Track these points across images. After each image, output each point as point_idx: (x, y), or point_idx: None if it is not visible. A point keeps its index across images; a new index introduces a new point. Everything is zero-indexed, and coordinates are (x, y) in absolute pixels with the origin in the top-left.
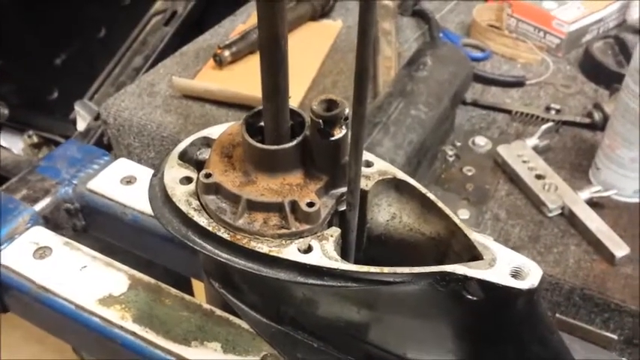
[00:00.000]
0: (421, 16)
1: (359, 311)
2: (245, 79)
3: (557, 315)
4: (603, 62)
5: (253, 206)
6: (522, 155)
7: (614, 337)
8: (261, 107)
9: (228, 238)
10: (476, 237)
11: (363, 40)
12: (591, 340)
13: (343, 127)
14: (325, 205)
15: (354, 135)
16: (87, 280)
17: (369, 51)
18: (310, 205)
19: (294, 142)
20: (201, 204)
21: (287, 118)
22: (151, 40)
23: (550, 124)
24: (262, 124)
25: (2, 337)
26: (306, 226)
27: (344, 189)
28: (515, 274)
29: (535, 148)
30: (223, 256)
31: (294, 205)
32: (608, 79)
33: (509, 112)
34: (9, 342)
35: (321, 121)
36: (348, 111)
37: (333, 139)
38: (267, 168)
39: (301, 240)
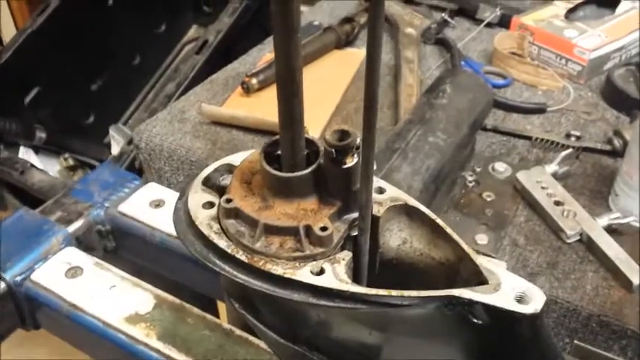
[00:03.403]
0: (444, 44)
1: (370, 333)
2: (271, 107)
3: (576, 341)
4: (625, 89)
5: (270, 230)
6: (541, 181)
7: None
8: (278, 137)
9: (246, 261)
10: (482, 262)
11: (371, 70)
12: None
13: (355, 155)
14: (338, 229)
15: (365, 162)
16: (115, 298)
17: (378, 80)
18: (323, 229)
19: (309, 170)
20: (221, 227)
21: (302, 146)
22: (182, 68)
23: (570, 150)
24: (279, 152)
25: (28, 355)
26: (320, 250)
27: (356, 214)
28: (520, 299)
29: (554, 175)
30: (241, 277)
31: (308, 229)
32: (629, 106)
33: (529, 138)
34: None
35: (333, 150)
36: (359, 140)
37: (345, 167)
38: (283, 194)
39: (314, 263)
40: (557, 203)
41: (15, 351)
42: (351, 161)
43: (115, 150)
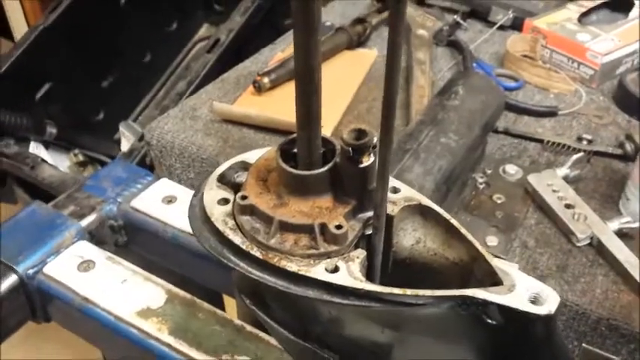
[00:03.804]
0: (456, 46)
1: (383, 331)
2: (282, 106)
3: (584, 345)
4: (637, 94)
5: (285, 227)
6: (552, 184)
7: None
8: (295, 135)
9: (261, 257)
10: (497, 263)
11: (391, 73)
12: None
13: (371, 155)
14: (353, 228)
15: (381, 162)
16: (127, 293)
17: (397, 84)
18: (338, 227)
19: (325, 168)
20: (236, 224)
21: (319, 145)
22: (194, 66)
23: (581, 154)
24: (296, 150)
25: (36, 350)
26: (334, 248)
27: (371, 213)
28: (534, 300)
29: (565, 178)
30: (255, 273)
31: (323, 227)
32: None
33: (540, 141)
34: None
35: (350, 149)
36: (376, 140)
37: (361, 166)
38: (299, 192)
39: (329, 260)
40: (568, 206)
41: (21, 347)
42: (367, 160)
43: (125, 146)
